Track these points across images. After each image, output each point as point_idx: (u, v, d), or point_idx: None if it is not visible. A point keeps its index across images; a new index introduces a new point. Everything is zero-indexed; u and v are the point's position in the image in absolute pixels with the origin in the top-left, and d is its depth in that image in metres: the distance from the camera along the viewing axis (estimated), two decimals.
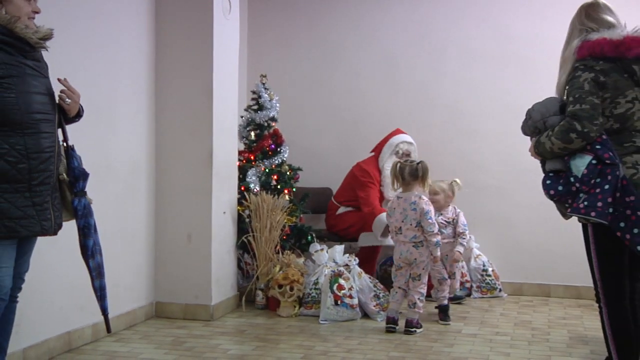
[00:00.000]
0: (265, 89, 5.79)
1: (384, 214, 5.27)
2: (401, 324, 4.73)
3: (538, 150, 3.22)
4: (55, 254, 3.87)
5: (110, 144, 4.52)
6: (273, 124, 5.81)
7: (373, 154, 5.93)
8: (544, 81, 4.15)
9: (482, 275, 5.86)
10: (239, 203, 5.44)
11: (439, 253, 4.72)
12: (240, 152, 5.65)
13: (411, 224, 4.69)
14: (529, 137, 3.35)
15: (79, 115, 3.30)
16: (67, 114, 3.22)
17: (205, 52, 4.93)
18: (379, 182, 5.75)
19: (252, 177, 5.56)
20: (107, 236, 4.37)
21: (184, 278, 5.01)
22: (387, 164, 5.64)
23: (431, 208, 4.72)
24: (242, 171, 5.60)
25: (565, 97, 3.16)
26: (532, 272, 6.05)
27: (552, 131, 3.12)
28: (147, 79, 4.94)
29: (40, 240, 3.27)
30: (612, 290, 3.08)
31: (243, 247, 5.43)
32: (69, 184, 3.19)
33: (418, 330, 4.66)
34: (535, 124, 3.26)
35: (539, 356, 4.17)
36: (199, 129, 4.97)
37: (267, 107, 5.74)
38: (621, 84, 3.06)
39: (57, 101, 3.16)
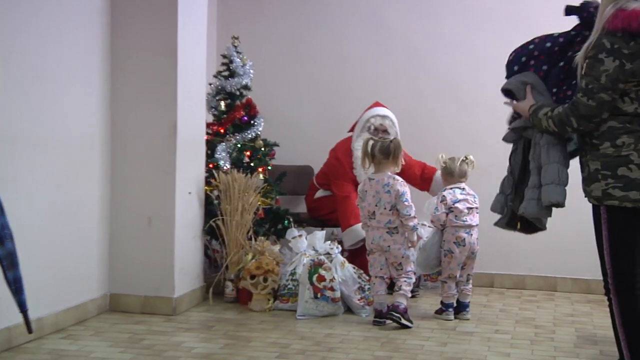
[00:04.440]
0: (238, 52, 5.75)
1: (359, 227, 5.32)
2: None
3: (532, 120, 3.45)
4: None
5: (57, 113, 4.44)
6: (246, 93, 5.78)
7: (351, 134, 5.88)
8: None
9: None
10: (207, 182, 5.42)
11: (415, 238, 4.81)
12: (208, 125, 5.60)
13: (385, 208, 4.75)
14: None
15: None
16: None
17: (169, 10, 4.89)
18: (351, 166, 5.72)
19: (221, 152, 5.53)
20: (53, 220, 4.39)
21: (143, 267, 4.99)
22: (357, 142, 5.57)
23: (407, 189, 4.79)
24: (211, 146, 5.56)
25: (581, 69, 3.20)
26: (537, 263, 6.07)
27: (551, 112, 3.29)
28: (100, 39, 4.87)
29: None
30: (624, 278, 3.16)
31: (211, 232, 5.41)
32: None
33: (404, 321, 4.66)
34: None
35: (542, 357, 4.18)
36: (162, 97, 4.94)
37: (239, 74, 5.70)
38: None
39: None
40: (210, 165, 5.49)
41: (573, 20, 3.54)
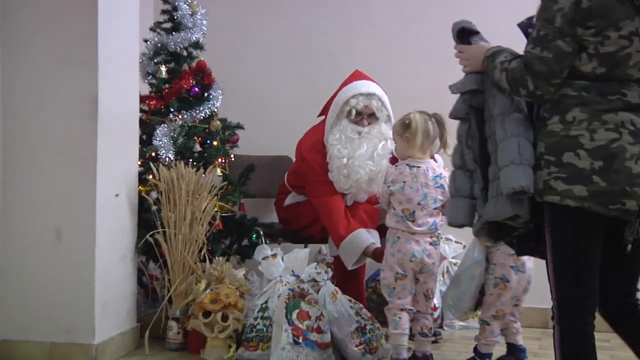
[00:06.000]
0: None
1: (361, 233, 5.23)
2: None
3: (486, 66, 3.46)
4: None
5: None
6: (197, 54, 5.68)
7: (322, 118, 5.64)
8: None
9: None
10: (141, 180, 5.27)
11: None
12: (143, 99, 5.41)
13: (435, 208, 4.69)
14: None
15: None
16: None
17: None
18: (324, 167, 5.43)
19: (162, 138, 5.37)
20: None
21: (49, 302, 4.77)
22: (333, 135, 5.35)
23: None
24: (147, 129, 5.42)
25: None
26: None
27: (509, 63, 3.30)
28: None
29: None
30: (567, 299, 3.24)
31: (147, 251, 5.26)
32: None
33: None
34: None
35: None
36: (75, 60, 4.75)
37: (187, 26, 5.57)
38: (614, 10, 3.09)
39: None
40: (147, 156, 5.32)
41: None
